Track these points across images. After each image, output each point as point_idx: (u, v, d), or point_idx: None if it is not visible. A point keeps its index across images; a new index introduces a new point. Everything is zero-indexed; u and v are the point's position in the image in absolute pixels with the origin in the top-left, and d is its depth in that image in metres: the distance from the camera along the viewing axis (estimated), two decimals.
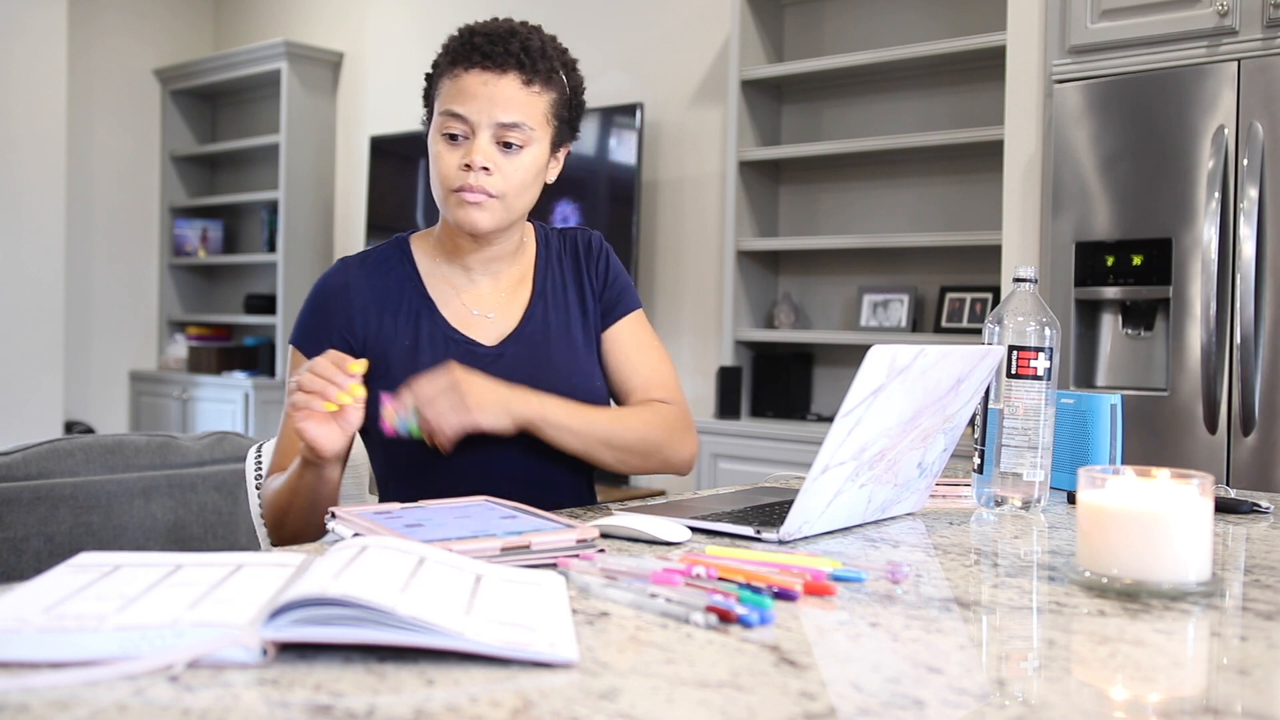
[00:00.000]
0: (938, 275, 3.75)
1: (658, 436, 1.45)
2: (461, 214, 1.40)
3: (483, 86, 1.38)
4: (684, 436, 1.49)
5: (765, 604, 0.84)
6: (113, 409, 5.90)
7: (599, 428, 1.41)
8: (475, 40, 1.40)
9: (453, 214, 1.41)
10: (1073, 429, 1.55)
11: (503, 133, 1.38)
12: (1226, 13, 2.55)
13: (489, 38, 1.39)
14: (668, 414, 1.48)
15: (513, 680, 0.69)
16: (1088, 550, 0.98)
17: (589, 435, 1.40)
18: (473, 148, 1.38)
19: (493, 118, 1.38)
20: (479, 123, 1.38)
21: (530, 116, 1.40)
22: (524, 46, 1.39)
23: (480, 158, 1.37)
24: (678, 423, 1.49)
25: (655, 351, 1.55)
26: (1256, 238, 2.44)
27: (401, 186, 5.05)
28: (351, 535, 1.02)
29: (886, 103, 3.84)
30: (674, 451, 1.47)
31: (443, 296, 1.49)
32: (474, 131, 1.39)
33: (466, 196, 1.39)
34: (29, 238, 5.01)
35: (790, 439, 3.60)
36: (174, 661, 0.67)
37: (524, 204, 1.44)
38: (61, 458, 1.70)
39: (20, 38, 4.98)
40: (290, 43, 5.35)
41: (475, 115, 1.38)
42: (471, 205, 1.39)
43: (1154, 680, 0.75)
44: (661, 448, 1.46)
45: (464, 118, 1.38)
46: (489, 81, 1.38)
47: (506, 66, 1.38)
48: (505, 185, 1.40)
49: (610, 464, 1.44)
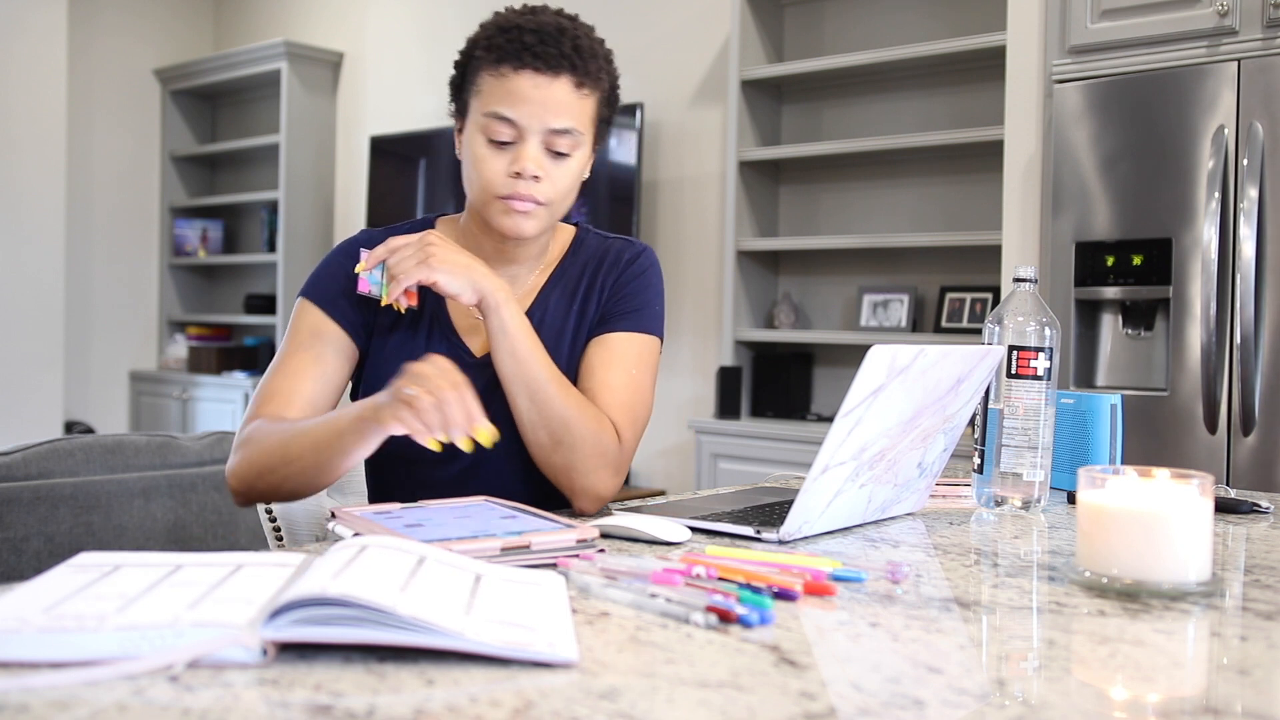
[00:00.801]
0: (938, 275, 3.75)
1: (582, 442, 1.29)
2: (508, 222, 1.34)
3: (534, 90, 1.30)
4: (604, 470, 1.31)
5: (765, 604, 0.84)
6: (113, 409, 5.90)
7: (540, 373, 1.29)
8: (526, 39, 1.31)
9: (497, 220, 1.35)
10: (1073, 429, 1.55)
11: (553, 139, 1.32)
12: (1226, 13, 2.55)
13: (539, 35, 1.31)
14: (606, 438, 1.32)
15: (513, 680, 0.69)
16: (1088, 550, 0.98)
17: (526, 368, 1.29)
18: (522, 154, 1.31)
19: (544, 123, 1.31)
20: (529, 128, 1.31)
21: (580, 121, 1.34)
22: (575, 46, 1.32)
23: (532, 166, 1.31)
24: (610, 453, 1.32)
25: (628, 377, 1.38)
26: (1256, 238, 2.44)
27: (401, 186, 5.05)
28: (351, 535, 1.02)
29: (886, 103, 3.84)
30: (585, 473, 1.31)
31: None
32: (523, 136, 1.32)
33: (516, 205, 1.33)
34: (29, 238, 5.01)
35: (790, 439, 3.60)
36: (174, 661, 0.67)
37: (566, 207, 1.39)
38: (61, 458, 1.70)
39: (20, 38, 4.98)
40: (290, 43, 5.35)
41: (526, 120, 1.31)
42: (520, 214, 1.33)
43: (1154, 680, 0.75)
44: (575, 454, 1.30)
45: (514, 122, 1.31)
46: (541, 85, 1.30)
47: (559, 69, 1.31)
48: (553, 192, 1.34)
49: (521, 422, 1.31)
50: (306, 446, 1.23)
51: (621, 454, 1.34)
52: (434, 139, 4.87)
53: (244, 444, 1.29)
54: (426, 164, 4.95)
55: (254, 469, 1.26)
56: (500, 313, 1.29)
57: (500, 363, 1.30)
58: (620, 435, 1.34)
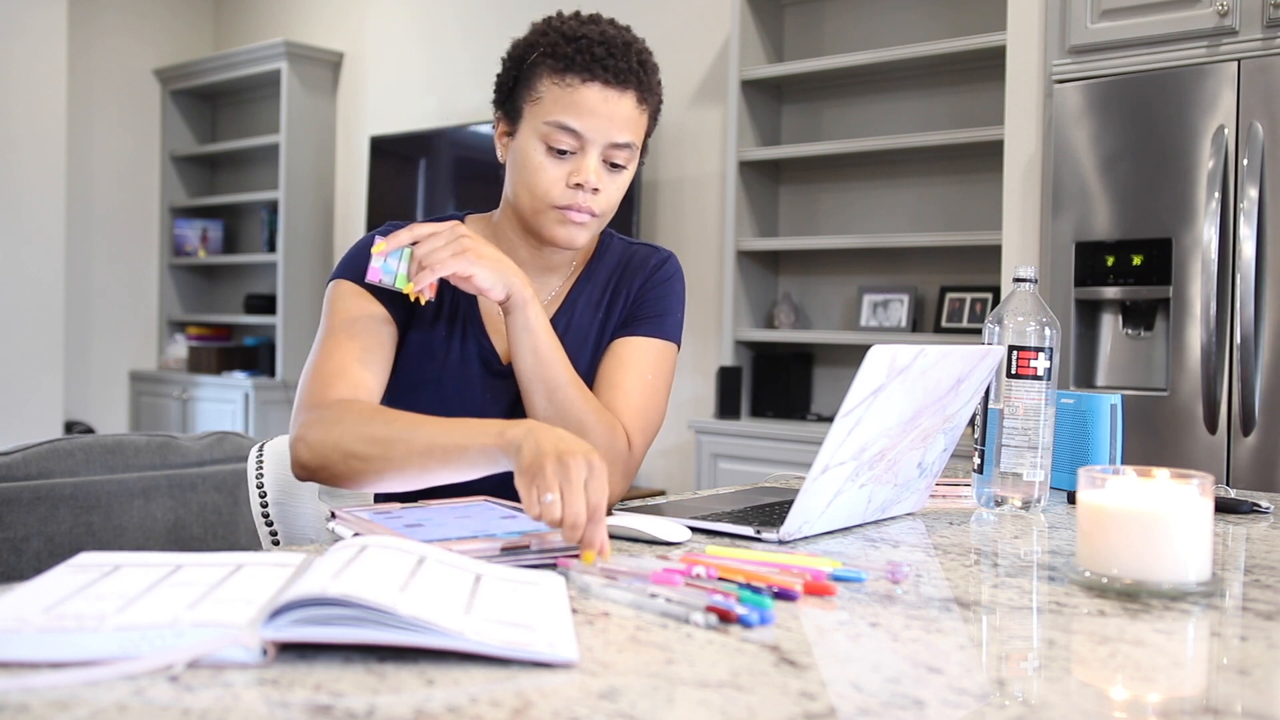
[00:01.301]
0: (938, 275, 3.75)
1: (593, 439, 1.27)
2: (563, 232, 1.33)
3: (603, 104, 1.30)
4: (613, 475, 1.28)
5: (765, 604, 0.84)
6: (113, 409, 5.90)
7: (560, 374, 1.28)
8: (596, 50, 1.30)
9: (550, 230, 1.34)
10: (1073, 429, 1.55)
11: (612, 152, 1.32)
12: (1226, 13, 2.55)
13: (608, 48, 1.31)
14: (619, 443, 1.32)
15: (513, 680, 0.69)
16: (1088, 550, 0.98)
17: (547, 368, 1.28)
18: (584, 166, 1.31)
19: (609, 137, 1.31)
20: (593, 140, 1.31)
21: (638, 135, 1.35)
22: (640, 62, 1.33)
23: (594, 178, 1.30)
24: (620, 458, 1.31)
25: (644, 384, 1.38)
26: (1256, 238, 2.44)
27: (401, 186, 5.05)
28: (351, 535, 1.02)
29: (886, 103, 3.84)
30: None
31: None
32: (584, 148, 1.31)
33: (573, 216, 1.32)
34: (29, 238, 5.01)
35: (790, 439, 3.60)
36: (174, 661, 0.67)
37: (612, 216, 1.39)
38: (61, 458, 1.70)
39: (20, 38, 4.98)
40: (290, 43, 5.35)
41: (591, 133, 1.30)
42: (575, 225, 1.33)
43: (1154, 680, 0.75)
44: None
45: (578, 134, 1.30)
46: (609, 99, 1.30)
47: (627, 84, 1.31)
48: (607, 204, 1.34)
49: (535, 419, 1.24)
50: (417, 449, 1.14)
51: (631, 460, 1.34)
52: (434, 139, 4.87)
53: (333, 421, 1.20)
54: (426, 164, 4.95)
55: (340, 451, 1.18)
56: (526, 311, 1.28)
57: (520, 360, 1.29)
58: (631, 441, 1.34)
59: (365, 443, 1.16)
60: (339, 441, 1.18)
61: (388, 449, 1.15)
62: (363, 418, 1.19)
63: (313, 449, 1.20)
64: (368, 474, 1.17)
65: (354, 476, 1.18)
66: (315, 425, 1.21)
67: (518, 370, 1.30)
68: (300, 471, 1.23)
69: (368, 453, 1.16)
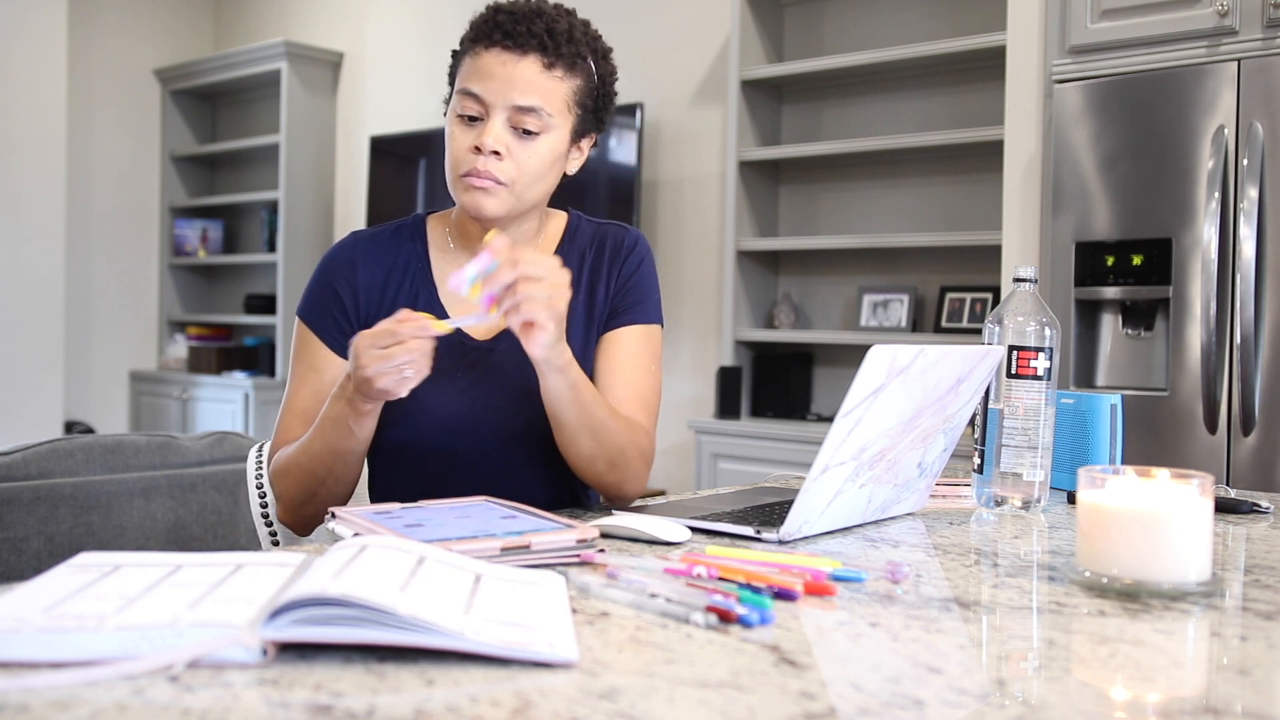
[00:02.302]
0: (938, 275, 3.75)
1: (632, 457, 1.36)
2: (468, 199, 1.35)
3: (501, 67, 1.32)
4: (643, 469, 1.39)
5: (765, 604, 0.84)
6: (113, 409, 5.90)
7: (599, 411, 1.32)
8: (499, 18, 1.34)
9: (459, 197, 1.36)
10: (1073, 429, 1.55)
11: (518, 117, 1.33)
12: (1226, 13, 2.55)
13: (513, 16, 1.34)
14: (643, 441, 1.39)
15: (513, 680, 0.69)
16: (1088, 550, 0.98)
17: (589, 413, 1.31)
18: (485, 130, 1.33)
19: (509, 100, 1.32)
20: (494, 104, 1.32)
21: (549, 102, 1.34)
22: (549, 28, 1.33)
23: (491, 140, 1.31)
24: (647, 454, 1.40)
25: (646, 373, 1.45)
26: (1256, 238, 2.44)
27: (401, 186, 5.06)
28: (351, 535, 1.02)
29: (886, 103, 3.84)
30: (633, 479, 1.38)
31: (445, 283, 1.44)
32: (489, 113, 1.33)
33: (473, 181, 1.33)
34: (29, 238, 5.01)
35: (790, 439, 3.60)
36: (174, 661, 0.67)
37: (537, 193, 1.39)
38: (61, 458, 1.70)
39: (20, 38, 4.98)
40: (290, 43, 5.35)
41: (491, 96, 1.32)
42: (478, 190, 1.33)
43: (1154, 680, 0.75)
44: (627, 469, 1.36)
45: (479, 98, 1.33)
46: (508, 62, 1.32)
47: (528, 47, 1.32)
48: (516, 172, 1.34)
49: (580, 456, 1.34)
50: (322, 454, 1.29)
51: (651, 449, 1.42)
52: (434, 139, 4.87)
53: (277, 482, 1.38)
54: (426, 164, 4.95)
55: (295, 501, 1.34)
56: (569, 371, 1.27)
57: (563, 411, 1.30)
58: (647, 432, 1.41)
59: (300, 484, 1.33)
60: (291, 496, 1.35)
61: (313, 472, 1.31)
62: (286, 467, 1.35)
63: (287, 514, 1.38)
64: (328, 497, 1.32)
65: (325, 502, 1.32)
66: (279, 499, 1.39)
67: (561, 420, 1.31)
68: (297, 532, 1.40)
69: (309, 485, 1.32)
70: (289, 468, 1.34)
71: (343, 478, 1.32)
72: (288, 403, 1.42)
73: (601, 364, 1.44)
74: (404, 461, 1.41)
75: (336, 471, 1.31)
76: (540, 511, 1.14)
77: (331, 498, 1.33)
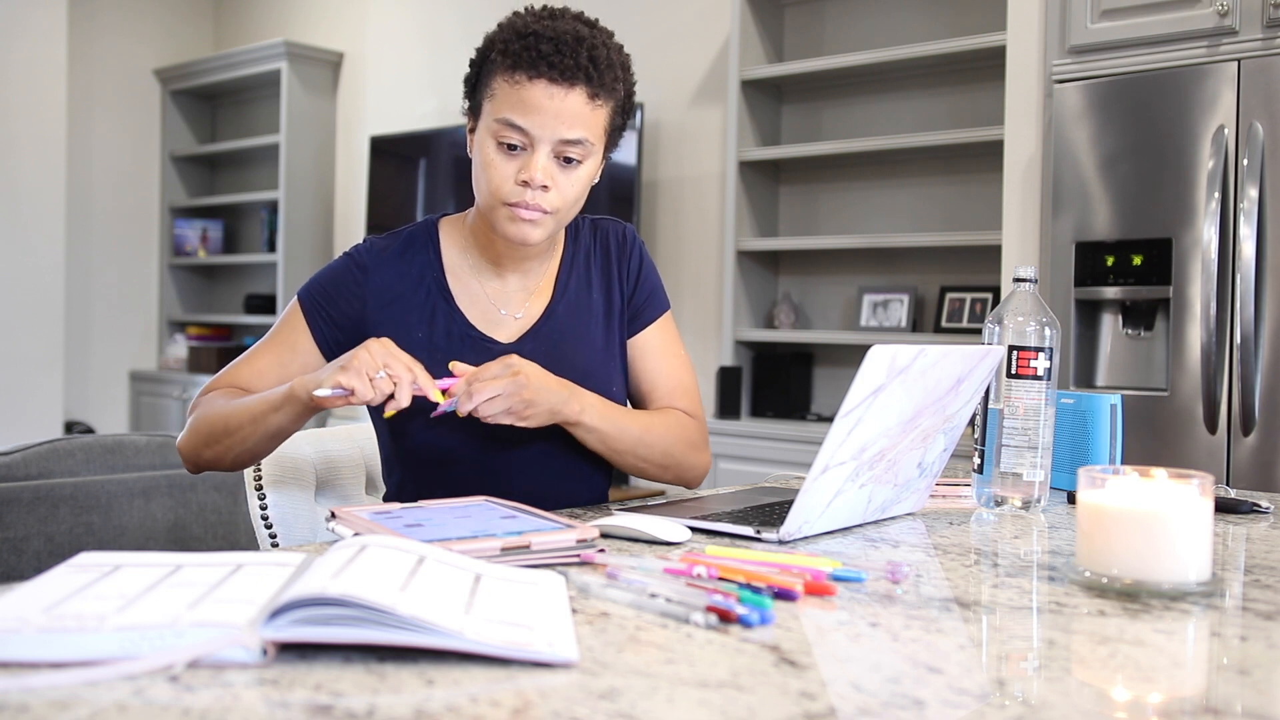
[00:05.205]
0: (938, 275, 3.75)
1: (679, 451, 1.46)
2: (514, 229, 1.34)
3: (548, 101, 1.30)
4: (701, 453, 1.50)
5: (765, 604, 0.84)
6: (113, 409, 5.90)
7: (630, 435, 1.41)
8: (542, 47, 1.30)
9: (503, 227, 1.35)
10: (1073, 429, 1.55)
11: (564, 149, 1.32)
12: (1226, 13, 2.55)
13: (556, 44, 1.30)
14: (689, 427, 1.49)
15: (513, 680, 0.69)
16: (1088, 550, 0.98)
17: (619, 442, 1.40)
18: (531, 163, 1.31)
19: (556, 134, 1.31)
20: (540, 138, 1.31)
21: (592, 131, 1.33)
22: (592, 58, 1.31)
23: (541, 175, 1.31)
24: (697, 437, 1.50)
25: (680, 359, 1.55)
26: (1256, 238, 2.44)
27: (401, 186, 5.05)
28: (351, 535, 1.02)
29: (886, 103, 3.84)
30: (690, 467, 1.48)
31: (463, 289, 1.44)
32: (533, 145, 1.31)
33: (522, 213, 1.32)
34: (29, 238, 5.01)
35: (790, 439, 3.60)
36: (174, 661, 0.67)
37: (573, 214, 1.40)
38: (61, 458, 1.70)
39: (20, 38, 4.98)
40: (290, 43, 5.35)
41: (538, 130, 1.30)
42: (526, 223, 1.33)
43: (1154, 680, 0.75)
44: (680, 462, 1.47)
45: (525, 131, 1.31)
46: (555, 96, 1.30)
47: (574, 80, 1.30)
48: (560, 200, 1.34)
49: (630, 470, 1.44)
50: (245, 419, 1.30)
51: (702, 430, 1.52)
52: (434, 139, 4.87)
53: (193, 416, 1.37)
54: (426, 164, 4.95)
55: (200, 439, 1.34)
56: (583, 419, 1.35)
57: (597, 449, 1.41)
58: (693, 413, 1.52)
59: (213, 426, 1.32)
60: (198, 432, 1.34)
61: (227, 425, 1.31)
62: (214, 408, 1.34)
63: (182, 445, 1.37)
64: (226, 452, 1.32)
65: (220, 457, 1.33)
66: (185, 427, 1.38)
67: (601, 454, 1.42)
68: (187, 467, 1.38)
69: (216, 434, 1.32)
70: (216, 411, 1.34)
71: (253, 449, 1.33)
72: (248, 356, 1.41)
73: (640, 366, 1.52)
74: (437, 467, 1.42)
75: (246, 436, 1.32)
76: (540, 511, 1.15)
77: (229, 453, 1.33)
